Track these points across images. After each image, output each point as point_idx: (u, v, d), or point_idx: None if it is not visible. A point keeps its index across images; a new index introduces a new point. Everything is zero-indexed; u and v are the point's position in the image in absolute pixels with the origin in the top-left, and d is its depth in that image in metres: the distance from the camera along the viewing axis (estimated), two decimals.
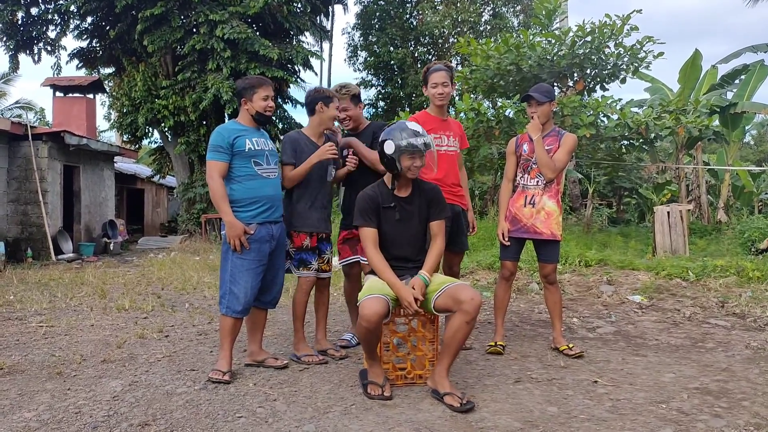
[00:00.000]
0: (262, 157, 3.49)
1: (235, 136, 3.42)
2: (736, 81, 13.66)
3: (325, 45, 20.69)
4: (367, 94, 20.38)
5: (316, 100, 3.76)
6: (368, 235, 3.21)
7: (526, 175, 3.96)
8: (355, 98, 3.99)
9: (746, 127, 14.16)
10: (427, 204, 3.31)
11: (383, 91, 20.30)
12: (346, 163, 3.89)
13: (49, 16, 14.34)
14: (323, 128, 3.80)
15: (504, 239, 3.96)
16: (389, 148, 3.15)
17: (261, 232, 3.42)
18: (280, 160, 3.71)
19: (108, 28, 14.47)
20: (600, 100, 9.54)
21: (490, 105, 11.53)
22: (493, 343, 3.98)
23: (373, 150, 3.73)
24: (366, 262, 3.86)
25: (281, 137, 13.73)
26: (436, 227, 3.32)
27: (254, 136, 3.50)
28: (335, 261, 4.31)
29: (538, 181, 3.91)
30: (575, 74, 10.44)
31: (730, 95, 13.41)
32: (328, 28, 18.25)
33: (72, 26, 14.77)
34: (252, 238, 3.38)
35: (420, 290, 3.07)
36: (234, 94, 12.72)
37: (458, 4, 18.99)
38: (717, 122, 12.31)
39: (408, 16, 20.54)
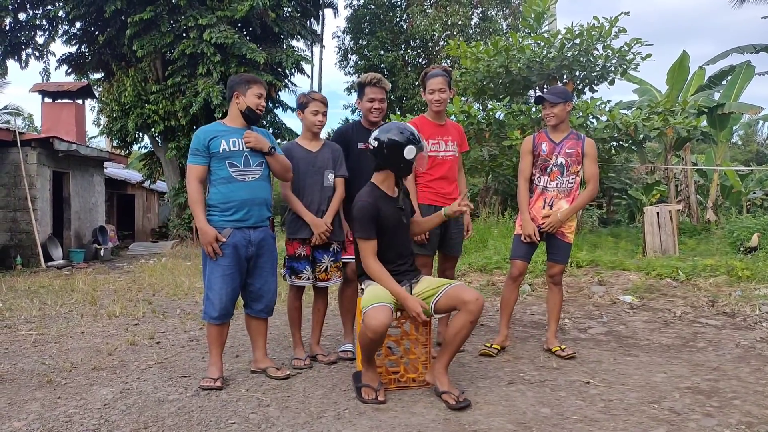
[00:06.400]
0: (239, 158, 3.33)
1: (212, 137, 3.31)
2: (723, 82, 13.80)
3: (316, 49, 20.71)
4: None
5: (296, 108, 3.82)
6: (369, 247, 3.14)
7: (545, 177, 3.91)
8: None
9: (734, 128, 14.29)
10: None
11: None
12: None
13: (38, 22, 14.25)
14: (311, 133, 3.79)
15: (535, 239, 3.87)
16: (411, 152, 3.15)
17: (236, 236, 3.31)
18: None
19: (97, 33, 14.41)
20: (589, 101, 9.60)
21: (480, 107, 11.56)
22: (488, 344, 3.99)
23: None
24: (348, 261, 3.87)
25: None
26: None
27: (233, 137, 3.34)
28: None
29: (558, 184, 3.89)
30: (564, 76, 10.48)
31: (717, 96, 13.53)
32: (319, 32, 18.27)
33: (60, 31, 14.70)
34: (226, 243, 3.29)
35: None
36: (225, 90, 12.68)
37: (448, 8, 19.08)
38: (705, 123, 12.41)
39: (398, 19, 20.61)
